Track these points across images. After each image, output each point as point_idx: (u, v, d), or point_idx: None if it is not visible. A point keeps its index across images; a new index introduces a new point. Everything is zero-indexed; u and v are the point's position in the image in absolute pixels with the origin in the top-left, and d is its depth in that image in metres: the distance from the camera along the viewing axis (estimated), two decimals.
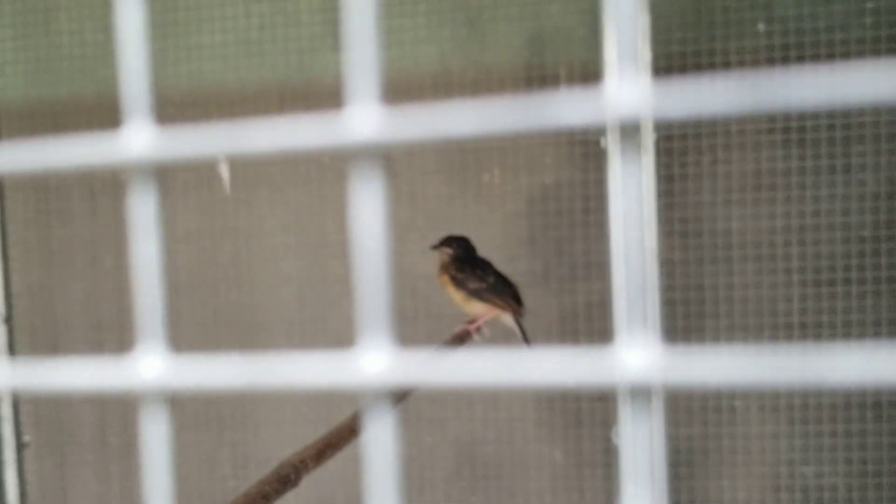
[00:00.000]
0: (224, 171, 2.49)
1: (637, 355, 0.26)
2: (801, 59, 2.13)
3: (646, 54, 1.99)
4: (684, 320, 2.26)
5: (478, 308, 1.94)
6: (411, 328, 2.40)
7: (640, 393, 0.26)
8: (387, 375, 0.27)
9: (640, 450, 0.27)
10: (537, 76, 2.31)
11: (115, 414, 2.62)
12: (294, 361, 0.28)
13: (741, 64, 2.19)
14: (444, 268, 1.96)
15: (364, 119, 0.27)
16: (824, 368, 0.24)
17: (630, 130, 0.25)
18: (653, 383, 0.25)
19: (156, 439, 0.30)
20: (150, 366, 0.30)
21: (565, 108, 0.25)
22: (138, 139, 0.29)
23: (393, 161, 2.24)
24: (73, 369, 0.30)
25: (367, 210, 0.27)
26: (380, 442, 0.27)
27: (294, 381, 0.28)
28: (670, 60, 2.19)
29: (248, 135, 0.28)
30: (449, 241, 1.99)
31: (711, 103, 0.24)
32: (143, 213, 0.30)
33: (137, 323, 0.30)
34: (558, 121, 0.25)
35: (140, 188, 0.29)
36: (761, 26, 2.17)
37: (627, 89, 0.25)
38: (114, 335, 2.61)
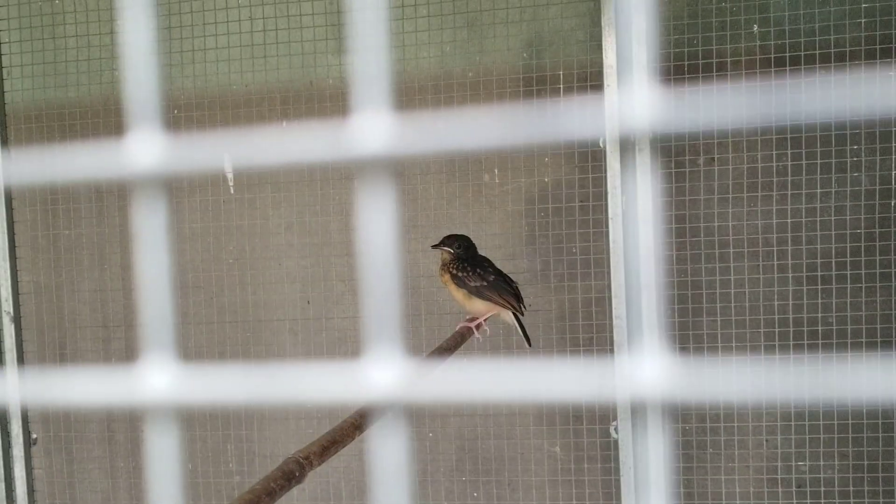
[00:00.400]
0: (228, 172, 2.51)
1: (642, 370, 0.25)
2: (795, 60, 2.16)
3: (643, 59, 2.01)
4: (680, 317, 2.28)
5: (478, 306, 1.96)
6: (413, 326, 2.42)
7: (646, 407, 0.26)
8: (396, 390, 0.27)
9: (641, 461, 0.27)
10: (536, 78, 2.33)
11: (122, 411, 2.65)
12: (304, 374, 0.28)
13: (736, 65, 2.22)
14: (446, 266, 1.98)
15: (373, 131, 0.26)
16: (833, 384, 0.24)
17: (630, 140, 0.26)
18: (658, 399, 0.25)
19: (163, 452, 0.29)
20: (158, 379, 0.29)
21: (569, 119, 0.25)
22: (147, 152, 0.28)
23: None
24: (82, 382, 0.30)
25: (377, 223, 0.27)
26: (388, 451, 0.27)
27: (304, 395, 0.28)
28: (666, 62, 2.21)
29: (257, 145, 0.28)
30: (450, 239, 2.00)
31: (712, 114, 0.24)
32: (151, 225, 0.29)
33: (145, 334, 0.29)
34: (563, 132, 0.25)
35: (148, 199, 0.29)
36: (756, 28, 2.20)
37: (628, 101, 0.25)
38: (120, 334, 2.64)
